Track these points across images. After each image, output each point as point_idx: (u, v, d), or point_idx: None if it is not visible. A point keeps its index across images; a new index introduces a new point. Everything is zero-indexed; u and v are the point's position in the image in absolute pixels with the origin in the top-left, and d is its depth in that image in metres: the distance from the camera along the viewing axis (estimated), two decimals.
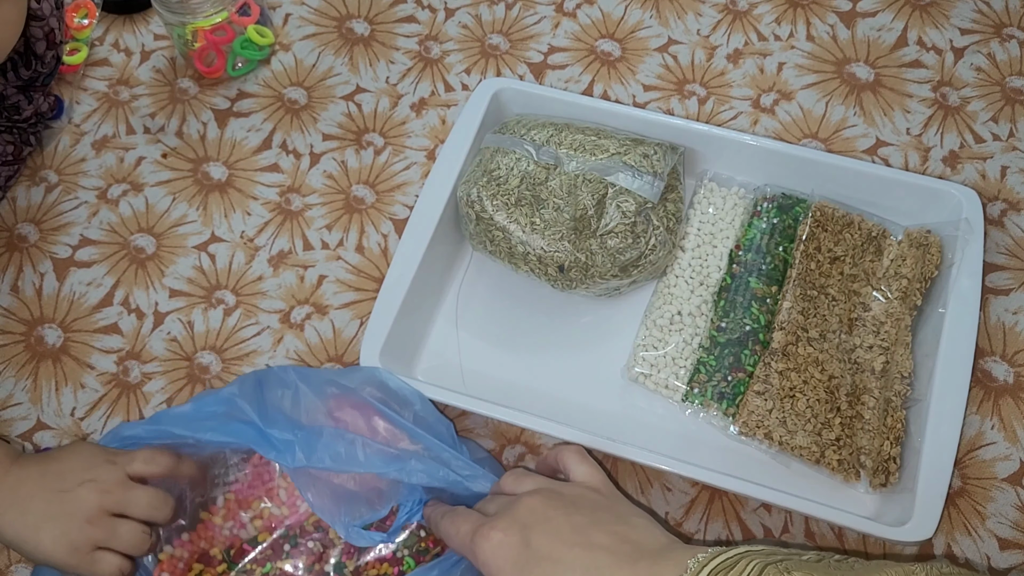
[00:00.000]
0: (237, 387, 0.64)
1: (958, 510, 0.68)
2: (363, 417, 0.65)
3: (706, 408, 0.69)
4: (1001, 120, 0.84)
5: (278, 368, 0.66)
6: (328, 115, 0.87)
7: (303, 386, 0.65)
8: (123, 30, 0.93)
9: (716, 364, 0.70)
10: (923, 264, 0.71)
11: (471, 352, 0.74)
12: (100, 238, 0.81)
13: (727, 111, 0.86)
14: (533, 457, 0.71)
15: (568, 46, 0.90)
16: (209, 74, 0.88)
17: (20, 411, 0.74)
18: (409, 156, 0.85)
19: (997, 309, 0.75)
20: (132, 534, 0.57)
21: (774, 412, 0.67)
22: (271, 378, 0.66)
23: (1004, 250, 0.78)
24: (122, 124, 0.87)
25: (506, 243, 0.71)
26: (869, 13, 0.91)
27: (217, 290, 0.79)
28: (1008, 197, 0.80)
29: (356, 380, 0.66)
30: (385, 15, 0.93)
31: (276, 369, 0.66)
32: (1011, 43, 0.88)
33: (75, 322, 0.78)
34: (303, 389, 0.65)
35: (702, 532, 0.68)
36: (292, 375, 0.65)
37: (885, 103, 0.85)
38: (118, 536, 0.57)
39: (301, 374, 0.66)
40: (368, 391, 0.66)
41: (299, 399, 0.64)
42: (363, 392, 0.65)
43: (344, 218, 0.82)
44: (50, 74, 0.79)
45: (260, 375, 0.66)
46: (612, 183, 0.71)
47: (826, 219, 0.73)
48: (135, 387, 0.75)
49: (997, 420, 0.71)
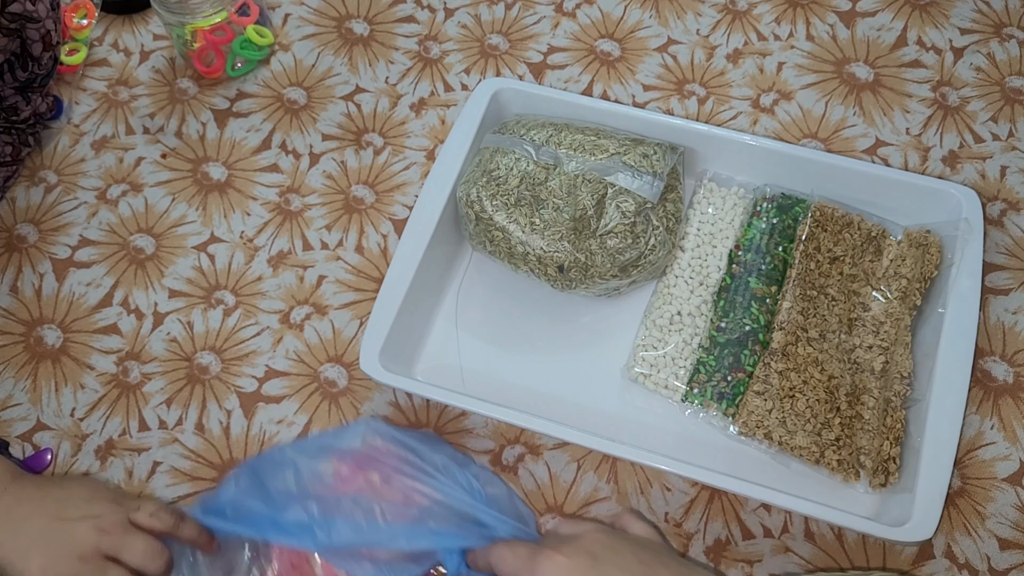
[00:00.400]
0: (234, 484, 0.62)
1: (958, 510, 0.68)
2: (375, 472, 0.62)
3: (706, 408, 0.69)
4: (1001, 120, 0.84)
5: (270, 451, 0.64)
6: (328, 115, 0.87)
7: (301, 459, 0.63)
8: (122, 30, 0.93)
9: (716, 364, 0.70)
10: (923, 264, 0.71)
11: (471, 352, 0.74)
12: (99, 238, 0.81)
13: (727, 111, 0.86)
14: (533, 457, 0.71)
15: (568, 46, 0.90)
16: (208, 74, 0.88)
17: (20, 411, 0.74)
18: (409, 156, 0.85)
19: (997, 309, 0.75)
20: None
21: (774, 412, 0.67)
22: (266, 464, 0.63)
23: (1004, 250, 0.78)
24: (121, 124, 0.87)
25: (506, 243, 0.71)
26: (869, 13, 0.91)
27: (217, 290, 0.79)
28: (1008, 197, 0.80)
29: (354, 437, 0.64)
30: (384, 15, 0.93)
31: (269, 453, 0.64)
32: (1011, 43, 0.88)
33: (75, 323, 0.78)
34: (302, 462, 0.62)
35: (702, 532, 0.68)
36: (287, 452, 0.63)
37: (885, 103, 0.85)
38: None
39: (296, 448, 0.64)
40: (369, 444, 0.63)
41: (301, 474, 0.62)
42: (365, 446, 0.63)
43: (344, 218, 0.82)
44: (47, 75, 0.79)
45: (254, 465, 0.63)
46: (612, 183, 0.71)
47: (826, 219, 0.73)
48: (135, 387, 0.75)
49: (997, 420, 0.71)
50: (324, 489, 0.61)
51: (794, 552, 0.67)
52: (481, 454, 0.71)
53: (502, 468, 0.71)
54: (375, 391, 0.74)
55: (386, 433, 0.64)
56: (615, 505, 0.69)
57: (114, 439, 0.73)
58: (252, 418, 0.73)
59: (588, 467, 0.71)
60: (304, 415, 0.73)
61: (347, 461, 0.63)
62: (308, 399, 0.74)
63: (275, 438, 0.73)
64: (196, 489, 0.71)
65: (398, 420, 0.73)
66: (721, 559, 0.67)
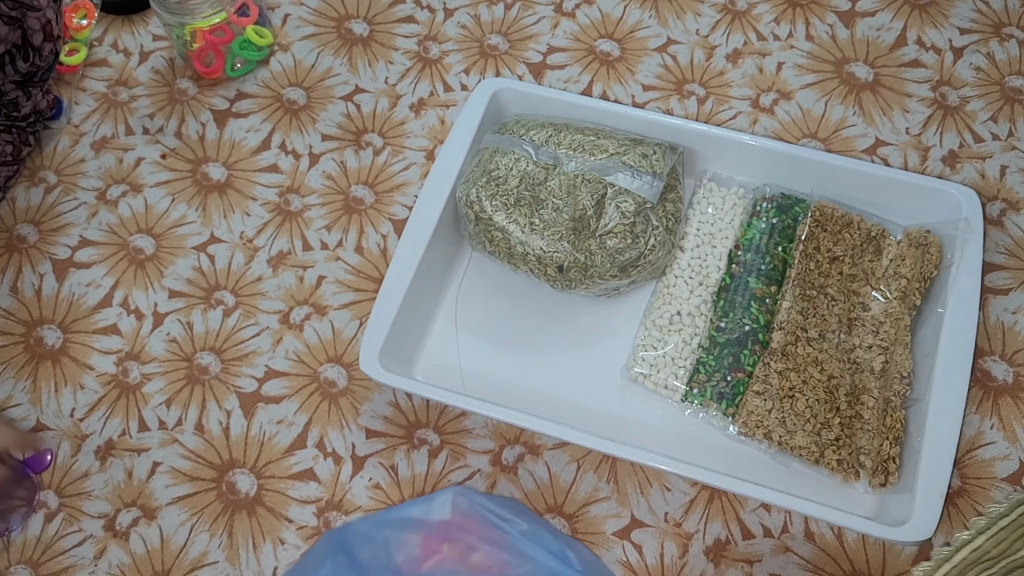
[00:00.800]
0: (330, 565, 0.60)
1: (958, 510, 0.68)
2: (463, 543, 0.61)
3: (705, 408, 0.69)
4: (1000, 120, 0.84)
5: (358, 523, 0.62)
6: (327, 115, 0.87)
7: (390, 532, 0.61)
8: (122, 31, 0.93)
9: (715, 364, 0.70)
10: (922, 264, 0.71)
11: (470, 352, 0.74)
12: (99, 239, 0.81)
13: (726, 111, 0.86)
14: (533, 457, 0.71)
15: (567, 46, 0.90)
16: (208, 75, 0.88)
17: (20, 412, 0.74)
18: (408, 156, 0.85)
19: (996, 309, 0.75)
20: None
21: (773, 412, 0.67)
22: (355, 538, 0.61)
23: (1003, 250, 0.78)
24: (121, 125, 0.87)
25: (505, 243, 0.71)
26: (868, 13, 0.91)
27: (216, 291, 0.79)
28: (1007, 197, 0.80)
29: (443, 507, 0.61)
30: (384, 15, 0.93)
31: (356, 525, 0.62)
32: (1010, 43, 0.88)
33: (74, 323, 0.78)
34: (391, 536, 0.61)
35: (702, 532, 0.68)
36: (376, 526, 0.61)
37: (884, 103, 0.85)
38: None
39: (383, 521, 0.61)
40: (458, 512, 0.62)
41: (391, 549, 0.60)
42: (454, 514, 0.61)
43: (343, 218, 0.82)
44: (48, 69, 0.79)
45: (342, 540, 0.61)
46: (611, 183, 0.71)
47: (825, 219, 0.73)
48: (135, 388, 0.75)
49: (996, 420, 0.71)
50: (414, 563, 0.60)
51: (794, 552, 0.67)
52: (481, 454, 0.71)
53: (502, 468, 0.71)
54: (375, 391, 0.74)
55: (474, 501, 0.63)
56: (615, 505, 0.69)
57: (114, 439, 0.73)
58: (252, 418, 0.73)
59: (588, 467, 0.71)
60: (304, 415, 0.73)
61: (435, 533, 0.61)
62: (308, 399, 0.74)
63: (275, 438, 0.73)
64: (196, 489, 0.71)
65: (398, 420, 0.73)
66: (721, 559, 0.67)
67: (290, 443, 0.73)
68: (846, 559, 0.67)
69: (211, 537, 0.70)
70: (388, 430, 0.73)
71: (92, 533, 0.70)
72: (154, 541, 0.70)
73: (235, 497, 0.71)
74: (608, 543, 0.68)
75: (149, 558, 0.69)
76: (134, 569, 0.69)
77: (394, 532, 0.61)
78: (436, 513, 0.62)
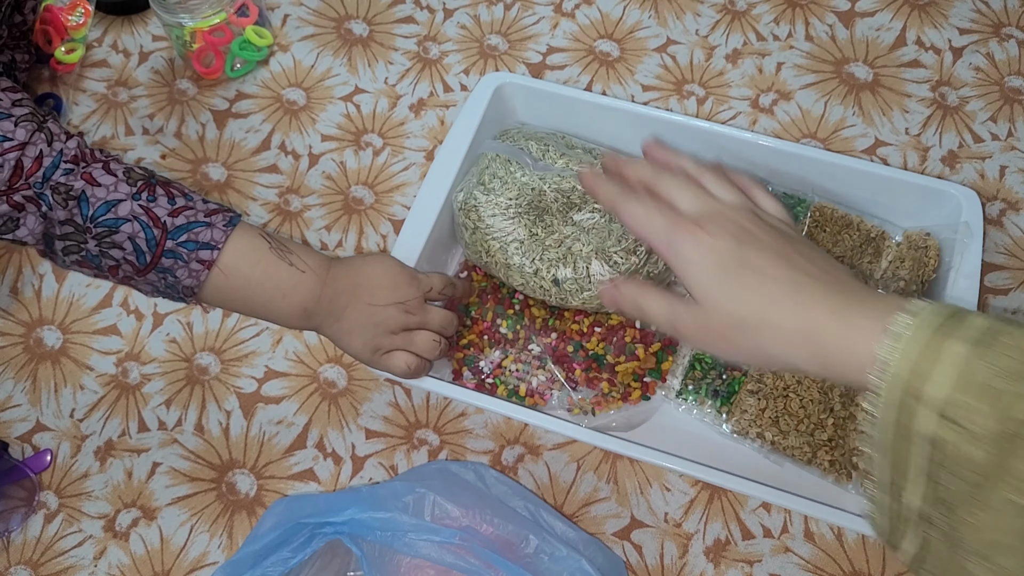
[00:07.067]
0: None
1: None
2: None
3: (700, 405, 0.69)
4: (1000, 120, 0.84)
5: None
6: (327, 116, 0.87)
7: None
8: (121, 31, 0.93)
9: (711, 361, 0.70)
10: (921, 266, 0.71)
11: None
12: None
13: (726, 111, 0.86)
14: (533, 457, 0.71)
15: (567, 46, 0.90)
16: (207, 75, 0.88)
17: (19, 412, 0.74)
18: (408, 157, 0.85)
19: (996, 309, 0.75)
20: (426, 343, 0.66)
21: (767, 411, 0.67)
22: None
23: (1003, 250, 0.78)
24: (121, 125, 0.87)
25: (502, 254, 0.70)
26: (868, 13, 0.91)
27: None
28: (1007, 197, 0.80)
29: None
30: (384, 16, 0.93)
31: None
32: (1010, 43, 0.88)
33: (74, 324, 0.78)
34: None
35: (702, 532, 0.68)
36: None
37: (884, 103, 0.85)
38: (414, 343, 0.66)
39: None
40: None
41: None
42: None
43: (343, 219, 0.82)
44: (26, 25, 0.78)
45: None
46: None
47: (825, 220, 0.73)
48: (134, 388, 0.75)
49: None
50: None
51: (794, 552, 0.67)
52: (481, 454, 0.71)
53: (502, 468, 0.71)
54: (374, 391, 0.74)
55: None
56: (615, 505, 0.69)
57: (113, 440, 0.73)
58: (251, 419, 0.73)
59: (588, 467, 0.71)
60: (304, 416, 0.73)
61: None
62: (308, 399, 0.74)
63: (275, 439, 0.73)
64: (196, 490, 0.71)
65: (397, 420, 0.73)
66: (721, 559, 0.67)
67: (290, 443, 0.73)
68: (846, 559, 0.67)
69: (211, 537, 0.70)
70: (388, 430, 0.73)
71: (92, 534, 0.70)
72: (154, 541, 0.70)
73: (235, 497, 0.71)
74: (608, 543, 0.68)
75: (149, 558, 0.69)
76: (134, 569, 0.69)
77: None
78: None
